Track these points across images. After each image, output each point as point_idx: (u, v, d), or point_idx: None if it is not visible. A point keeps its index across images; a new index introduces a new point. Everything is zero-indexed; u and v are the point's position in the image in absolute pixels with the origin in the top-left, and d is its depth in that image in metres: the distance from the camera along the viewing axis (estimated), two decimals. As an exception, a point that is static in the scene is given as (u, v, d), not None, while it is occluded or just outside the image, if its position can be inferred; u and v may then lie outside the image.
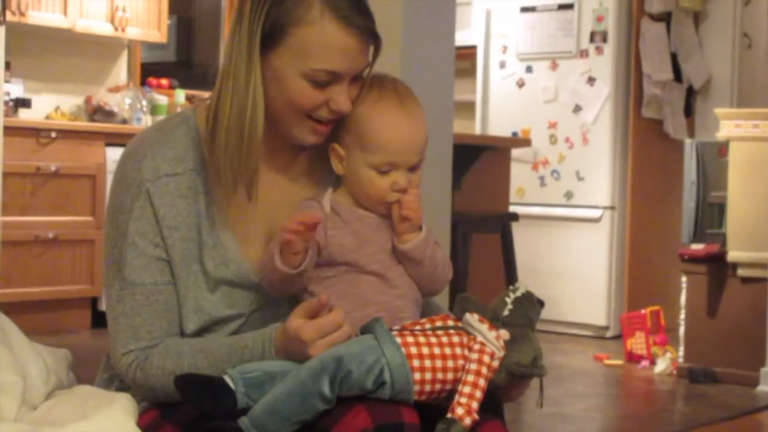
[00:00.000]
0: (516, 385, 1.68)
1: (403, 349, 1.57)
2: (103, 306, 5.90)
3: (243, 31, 1.72)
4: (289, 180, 1.83)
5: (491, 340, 1.61)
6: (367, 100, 1.74)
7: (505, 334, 1.62)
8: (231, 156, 1.71)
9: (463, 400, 1.56)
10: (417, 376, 1.56)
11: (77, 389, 1.82)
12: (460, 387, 1.57)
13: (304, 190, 1.83)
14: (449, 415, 1.55)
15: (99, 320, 5.98)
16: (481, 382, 1.57)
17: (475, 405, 1.56)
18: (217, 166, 1.72)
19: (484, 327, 1.62)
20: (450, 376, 1.58)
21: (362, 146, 1.73)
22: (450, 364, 1.58)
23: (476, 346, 1.60)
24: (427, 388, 1.57)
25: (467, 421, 1.55)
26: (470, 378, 1.57)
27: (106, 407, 1.65)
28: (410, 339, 1.59)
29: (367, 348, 1.57)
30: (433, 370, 1.57)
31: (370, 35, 1.73)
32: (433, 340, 1.60)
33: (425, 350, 1.58)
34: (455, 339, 1.61)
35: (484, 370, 1.58)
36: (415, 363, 1.56)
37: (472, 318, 1.63)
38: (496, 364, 1.60)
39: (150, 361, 1.71)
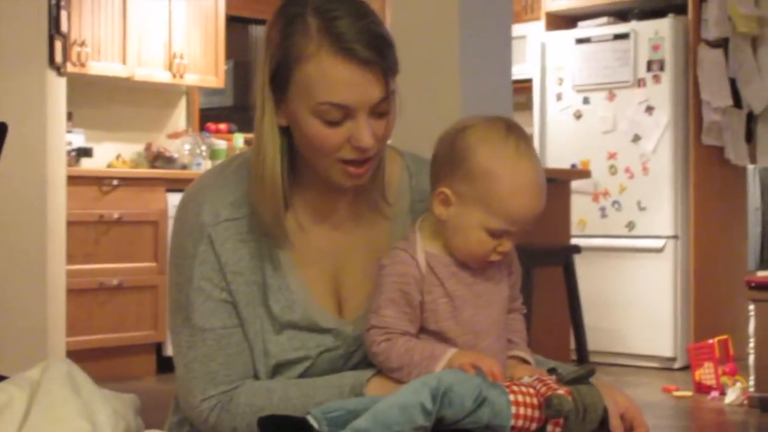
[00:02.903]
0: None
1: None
2: (168, 351, 5.96)
3: (258, 76, 1.70)
4: (343, 226, 1.80)
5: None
6: (506, 160, 1.64)
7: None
8: (254, 200, 1.71)
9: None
10: (512, 398, 1.55)
11: (145, 433, 1.82)
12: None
13: (360, 236, 1.80)
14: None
15: (164, 365, 6.01)
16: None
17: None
18: None
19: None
20: (537, 414, 1.57)
21: (485, 207, 1.63)
22: (535, 401, 1.58)
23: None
24: (522, 411, 1.55)
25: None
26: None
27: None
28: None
29: (467, 376, 1.56)
30: (528, 394, 1.57)
31: (376, 66, 1.64)
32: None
33: (516, 388, 1.58)
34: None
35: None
36: (512, 392, 1.57)
37: None
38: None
39: (236, 401, 1.70)
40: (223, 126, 7.23)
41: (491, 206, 1.63)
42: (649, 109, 6.65)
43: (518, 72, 6.62)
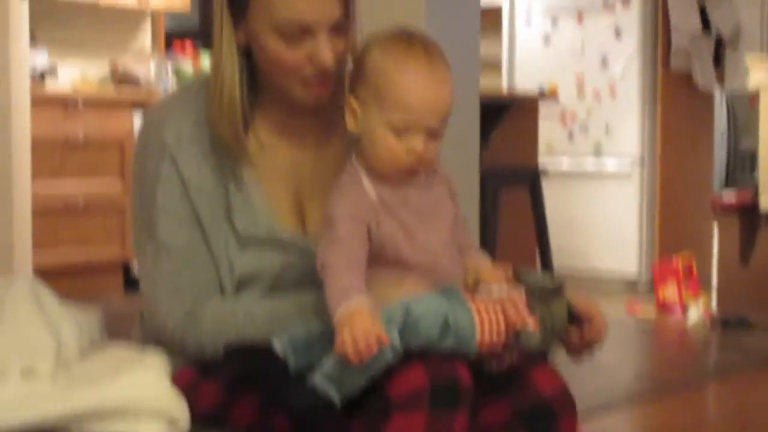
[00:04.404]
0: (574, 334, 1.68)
1: (467, 300, 1.58)
2: (135, 271, 5.96)
3: None
4: (305, 144, 1.81)
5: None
6: (393, 54, 1.63)
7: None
8: (213, 118, 1.72)
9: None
10: (478, 324, 1.55)
11: (110, 347, 1.83)
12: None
13: (322, 155, 1.81)
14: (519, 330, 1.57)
15: (132, 285, 6.02)
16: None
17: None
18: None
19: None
20: (503, 338, 1.57)
21: (380, 102, 1.61)
22: (502, 326, 1.57)
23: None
24: (487, 337, 1.55)
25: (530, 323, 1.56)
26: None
27: (138, 367, 1.65)
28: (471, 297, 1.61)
29: (434, 298, 1.56)
30: (495, 321, 1.56)
31: None
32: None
33: (482, 306, 1.58)
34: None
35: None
36: (478, 313, 1.56)
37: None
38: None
39: (202, 317, 1.71)
40: (188, 44, 7.15)
41: (383, 99, 1.61)
42: (618, 33, 6.65)
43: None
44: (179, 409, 1.63)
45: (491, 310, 1.57)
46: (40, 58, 6.16)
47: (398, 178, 1.64)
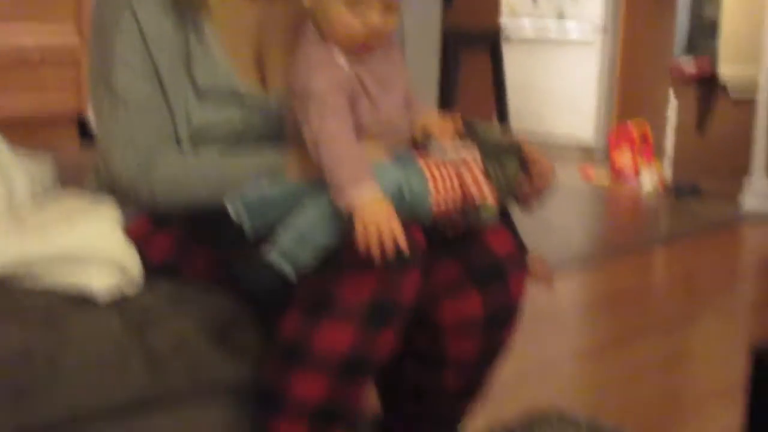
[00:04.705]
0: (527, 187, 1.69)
1: (420, 164, 1.57)
2: (91, 123, 5.90)
3: None
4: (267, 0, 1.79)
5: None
6: None
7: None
8: None
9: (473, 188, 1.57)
10: (432, 185, 1.55)
11: (63, 197, 1.82)
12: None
13: (282, 11, 1.78)
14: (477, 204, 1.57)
15: (87, 137, 5.97)
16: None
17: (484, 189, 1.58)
18: None
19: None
20: (459, 204, 1.58)
21: None
22: (458, 189, 1.58)
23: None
24: (443, 206, 1.56)
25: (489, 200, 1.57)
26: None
27: (91, 217, 1.65)
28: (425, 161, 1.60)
29: (389, 168, 1.56)
30: (450, 187, 1.57)
31: None
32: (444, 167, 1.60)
33: (436, 171, 1.58)
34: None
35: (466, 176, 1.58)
36: (432, 178, 1.56)
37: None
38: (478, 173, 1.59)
39: (155, 170, 1.70)
40: None
41: None
42: None
43: None
44: (131, 259, 1.64)
45: (446, 175, 1.57)
46: None
47: (356, 52, 1.61)
